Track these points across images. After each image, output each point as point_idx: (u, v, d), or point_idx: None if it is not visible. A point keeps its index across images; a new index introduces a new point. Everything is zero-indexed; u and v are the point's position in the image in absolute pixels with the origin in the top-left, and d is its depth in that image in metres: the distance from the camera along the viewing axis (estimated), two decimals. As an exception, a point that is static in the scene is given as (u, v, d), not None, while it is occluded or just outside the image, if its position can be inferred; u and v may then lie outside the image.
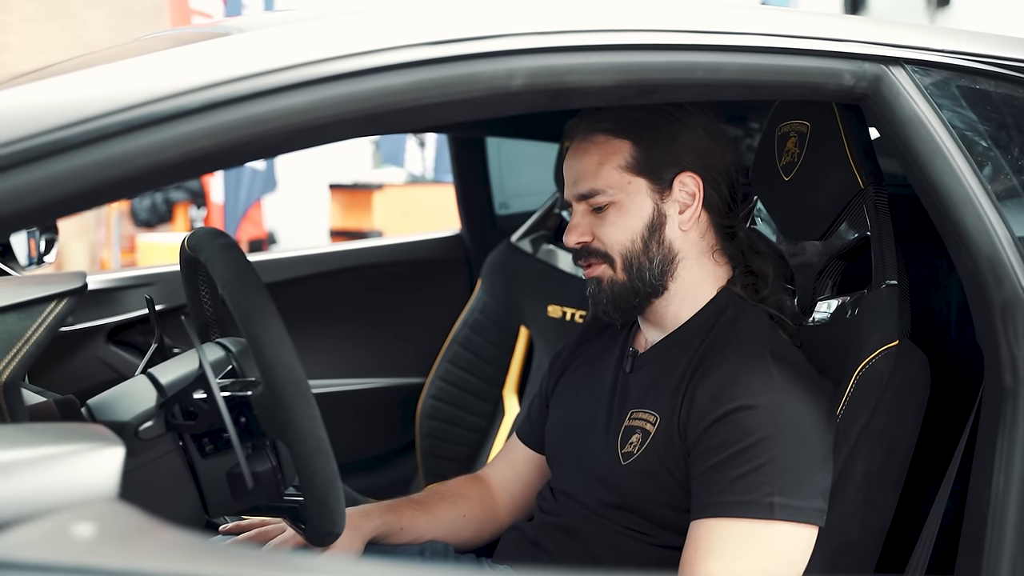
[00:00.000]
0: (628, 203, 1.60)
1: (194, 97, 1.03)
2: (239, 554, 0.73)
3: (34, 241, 2.70)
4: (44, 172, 0.96)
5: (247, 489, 1.35)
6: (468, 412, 2.72)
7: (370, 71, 1.10)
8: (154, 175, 1.03)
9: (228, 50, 1.09)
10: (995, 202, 1.41)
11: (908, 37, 1.44)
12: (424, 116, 1.16)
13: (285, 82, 1.07)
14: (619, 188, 1.60)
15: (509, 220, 2.88)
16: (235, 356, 1.42)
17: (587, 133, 1.63)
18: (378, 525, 1.71)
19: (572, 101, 1.27)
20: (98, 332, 2.47)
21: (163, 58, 1.09)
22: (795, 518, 1.44)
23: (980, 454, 1.45)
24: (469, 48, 1.15)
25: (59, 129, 0.97)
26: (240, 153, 1.08)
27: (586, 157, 1.62)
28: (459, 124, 2.67)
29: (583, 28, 1.23)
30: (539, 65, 1.19)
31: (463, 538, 1.82)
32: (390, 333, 2.86)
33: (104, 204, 1.05)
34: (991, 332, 1.42)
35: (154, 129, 1.01)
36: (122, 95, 1.01)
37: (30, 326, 1.22)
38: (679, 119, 1.60)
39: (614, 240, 1.61)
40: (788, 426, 1.46)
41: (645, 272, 1.61)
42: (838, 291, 1.66)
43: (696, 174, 1.61)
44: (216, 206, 8.37)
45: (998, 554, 1.39)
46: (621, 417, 1.63)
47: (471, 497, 1.85)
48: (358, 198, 8.23)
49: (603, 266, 1.63)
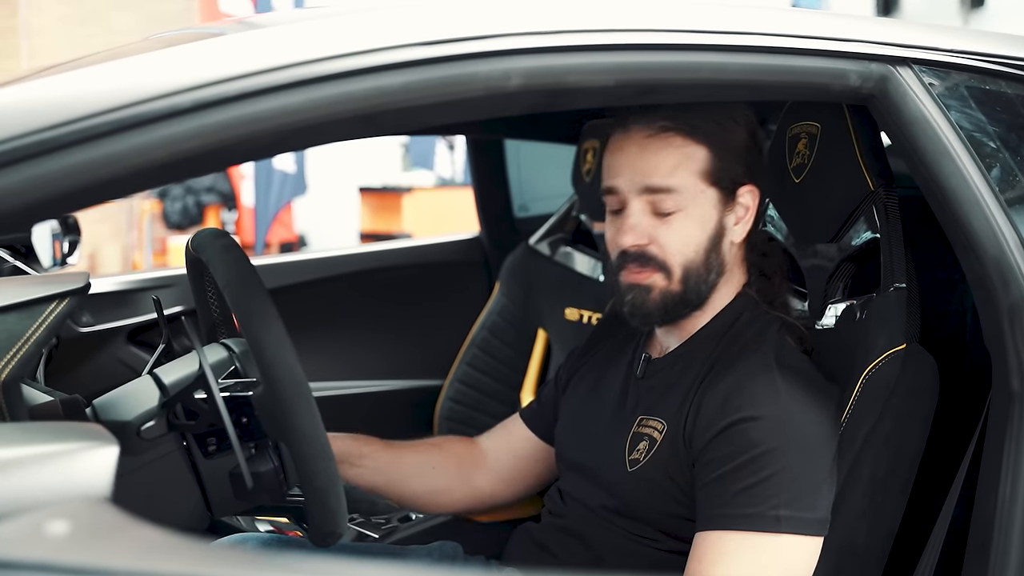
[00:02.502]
0: (696, 212, 1.55)
1: (185, 97, 1.03)
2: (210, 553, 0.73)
3: (59, 243, 2.73)
4: (32, 172, 0.96)
5: (249, 489, 1.36)
6: (485, 414, 2.72)
7: (364, 71, 1.10)
8: (145, 175, 1.03)
9: (220, 50, 1.09)
10: (1003, 204, 1.39)
11: (915, 37, 1.42)
12: (419, 117, 1.15)
13: (277, 82, 1.07)
14: (692, 195, 1.54)
15: (528, 223, 2.87)
16: (237, 357, 1.42)
17: (655, 128, 1.54)
18: (339, 447, 1.68)
19: (571, 101, 1.26)
20: (118, 333, 2.49)
21: (154, 58, 1.09)
22: (801, 530, 1.42)
23: (987, 459, 1.43)
24: (464, 48, 1.14)
25: (47, 129, 0.97)
26: (232, 154, 1.08)
27: (660, 154, 1.54)
28: (476, 126, 2.68)
29: (583, 28, 1.22)
30: (537, 65, 1.18)
31: (428, 488, 1.80)
32: (408, 335, 2.86)
33: (94, 205, 1.05)
34: (998, 335, 1.40)
35: (144, 129, 1.01)
36: (112, 95, 1.00)
37: (30, 326, 1.23)
38: (739, 124, 1.56)
39: (677, 249, 1.55)
40: (793, 438, 1.44)
41: (701, 285, 1.57)
42: (849, 294, 1.64)
43: (755, 186, 1.59)
44: (247, 209, 8.43)
45: (1004, 560, 1.37)
46: (630, 423, 1.62)
47: (448, 452, 1.84)
48: (388, 201, 8.28)
49: (658, 275, 1.56)
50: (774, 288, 1.63)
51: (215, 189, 8.58)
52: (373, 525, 2.07)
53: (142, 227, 8.54)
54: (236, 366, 1.42)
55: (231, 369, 1.42)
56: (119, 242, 8.65)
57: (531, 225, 2.79)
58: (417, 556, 1.78)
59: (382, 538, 2.01)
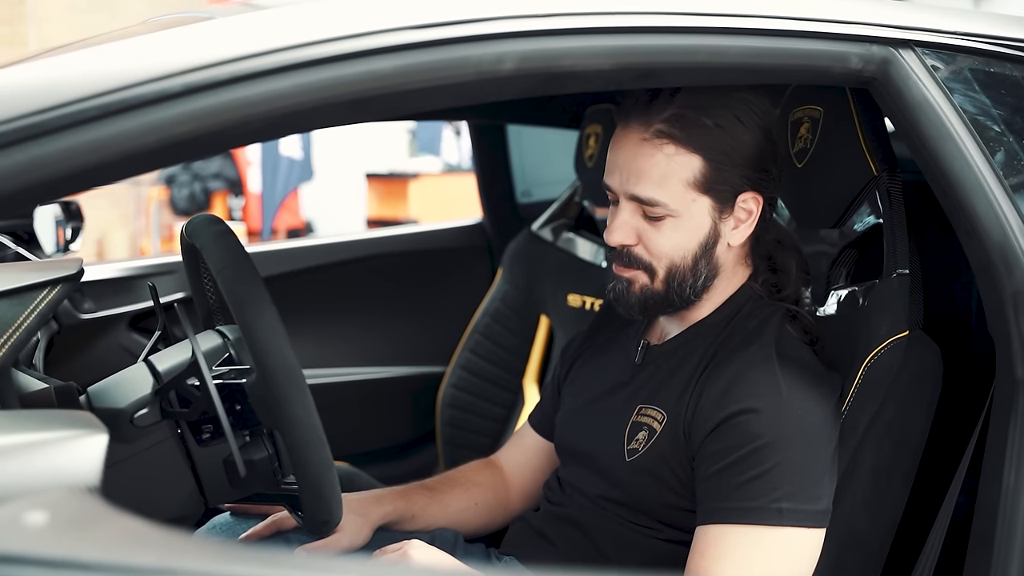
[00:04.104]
0: (687, 219, 1.51)
1: (175, 81, 1.02)
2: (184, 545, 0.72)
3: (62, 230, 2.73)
4: (18, 158, 0.95)
5: (242, 477, 1.35)
6: (488, 401, 2.71)
7: (355, 55, 1.08)
8: (134, 161, 1.02)
9: (210, 34, 1.08)
10: (1007, 189, 1.37)
11: (918, 19, 1.40)
12: (412, 101, 1.14)
13: (268, 66, 1.05)
14: (681, 204, 1.50)
15: (532, 208, 2.86)
16: (232, 343, 1.41)
17: (650, 132, 1.49)
18: (389, 512, 1.70)
19: (566, 86, 1.25)
20: (120, 319, 2.49)
21: (143, 42, 1.08)
22: (803, 522, 1.41)
23: (991, 448, 1.42)
24: (457, 32, 1.12)
25: (34, 114, 0.96)
26: (224, 138, 1.07)
27: (649, 161, 1.50)
28: (478, 111, 2.66)
29: (577, 11, 1.20)
30: (531, 49, 1.16)
31: (474, 526, 1.81)
32: (411, 322, 2.85)
33: (84, 190, 1.04)
34: (1002, 322, 1.38)
35: (133, 114, 1.00)
36: (100, 79, 0.99)
37: (21, 313, 1.22)
38: (748, 127, 1.50)
39: (663, 253, 1.53)
40: (793, 430, 1.43)
41: (686, 288, 1.55)
42: (852, 280, 1.62)
43: (758, 192, 1.53)
44: (254, 195, 8.43)
45: (1008, 550, 1.35)
46: (629, 412, 1.60)
47: (483, 484, 1.84)
48: (394, 187, 8.27)
49: (641, 273, 1.55)
50: (787, 281, 1.61)
51: (222, 175, 8.58)
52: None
53: (149, 213, 8.55)
54: (230, 353, 1.41)
55: (225, 356, 1.41)
56: (127, 228, 8.66)
57: (534, 211, 2.77)
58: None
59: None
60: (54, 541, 0.70)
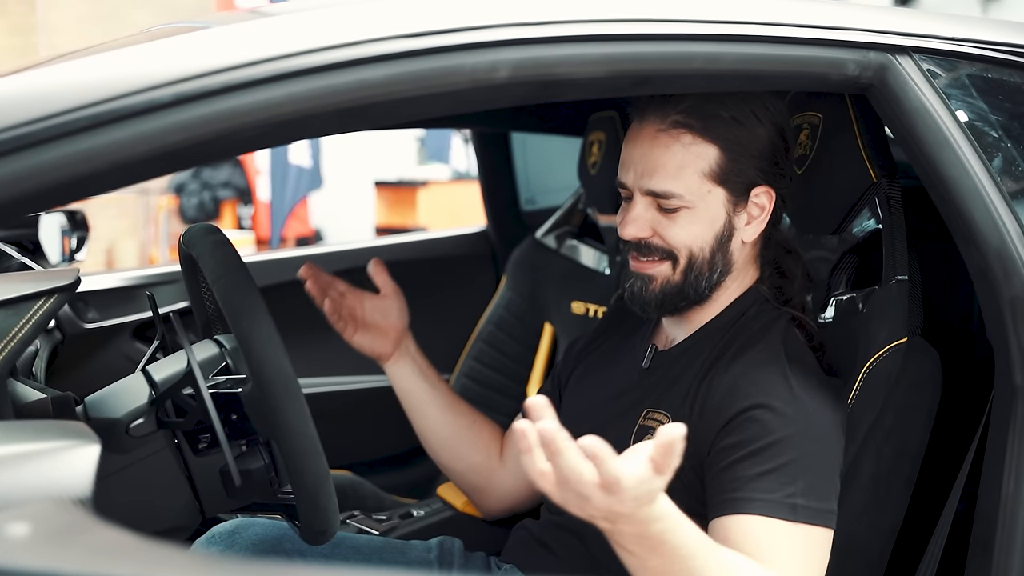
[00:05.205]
0: (703, 210, 1.51)
1: (165, 91, 1.02)
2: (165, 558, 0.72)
3: (67, 239, 2.73)
4: (9, 169, 0.95)
5: (239, 487, 1.35)
6: (492, 409, 2.70)
7: (348, 64, 1.08)
8: (126, 171, 1.02)
9: (202, 43, 1.08)
10: (1004, 195, 1.36)
11: (915, 25, 1.40)
12: (405, 110, 1.14)
13: (260, 75, 1.05)
14: (697, 195, 1.50)
15: (535, 216, 2.85)
16: (228, 353, 1.41)
17: (667, 123, 1.50)
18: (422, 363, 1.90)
19: (562, 93, 1.25)
20: (123, 329, 2.49)
21: (133, 52, 1.08)
22: (815, 520, 1.39)
23: (990, 455, 1.41)
24: (450, 40, 1.12)
25: (22, 125, 0.96)
26: (215, 148, 1.07)
27: (667, 153, 1.50)
28: (481, 119, 2.66)
29: (572, 19, 1.20)
30: (525, 57, 1.16)
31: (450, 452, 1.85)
32: (415, 329, 2.82)
33: (76, 200, 1.04)
34: (1000, 328, 1.37)
35: (124, 124, 1.00)
36: (90, 90, 1.00)
37: (17, 323, 1.22)
38: (763, 122, 1.51)
39: (681, 243, 1.52)
40: (807, 428, 1.42)
41: (702, 281, 1.54)
42: (852, 286, 1.62)
43: (771, 187, 1.54)
44: (263, 204, 8.45)
45: (1008, 556, 1.34)
46: (635, 416, 1.59)
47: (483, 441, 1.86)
48: (403, 195, 8.28)
49: (664, 264, 1.54)
50: (793, 287, 1.60)
51: (231, 184, 8.59)
52: (374, 521, 2.06)
53: (158, 222, 8.57)
54: (227, 362, 1.41)
55: (222, 366, 1.41)
56: (136, 238, 8.68)
57: (538, 218, 2.77)
58: (417, 552, 1.76)
59: (383, 534, 2.00)
60: (35, 552, 0.70)
